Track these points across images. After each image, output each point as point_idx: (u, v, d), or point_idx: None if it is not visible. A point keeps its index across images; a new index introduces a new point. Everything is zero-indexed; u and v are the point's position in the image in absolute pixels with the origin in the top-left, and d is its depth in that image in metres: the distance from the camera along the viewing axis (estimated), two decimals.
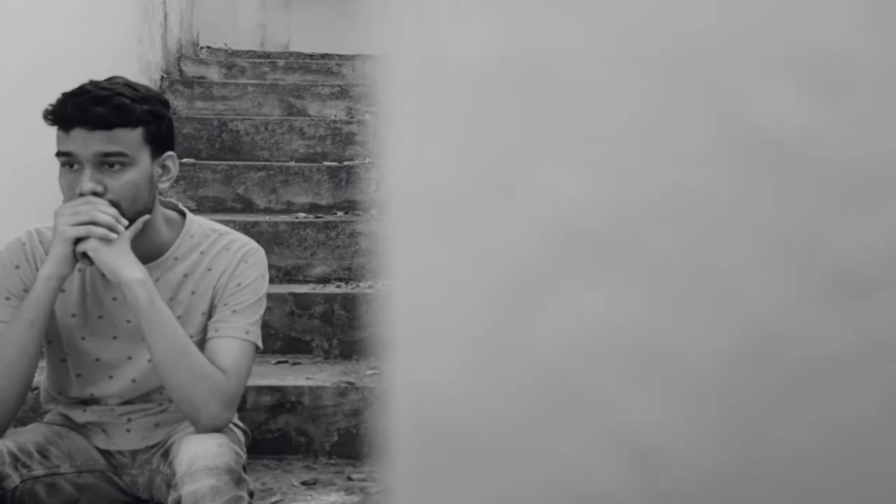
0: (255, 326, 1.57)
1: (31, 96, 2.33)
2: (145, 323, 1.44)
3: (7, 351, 1.42)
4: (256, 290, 1.59)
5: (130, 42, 3.20)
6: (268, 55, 4.39)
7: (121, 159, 1.44)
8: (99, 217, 1.41)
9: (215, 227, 1.65)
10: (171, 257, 1.58)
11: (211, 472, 1.34)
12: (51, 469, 1.48)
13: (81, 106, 1.42)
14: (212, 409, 1.45)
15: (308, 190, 2.97)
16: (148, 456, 1.60)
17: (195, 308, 1.57)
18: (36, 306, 1.42)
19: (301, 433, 2.04)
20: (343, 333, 2.37)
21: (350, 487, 1.86)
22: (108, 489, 1.59)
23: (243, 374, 1.53)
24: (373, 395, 2.06)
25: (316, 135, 3.29)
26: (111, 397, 1.59)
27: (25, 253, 1.54)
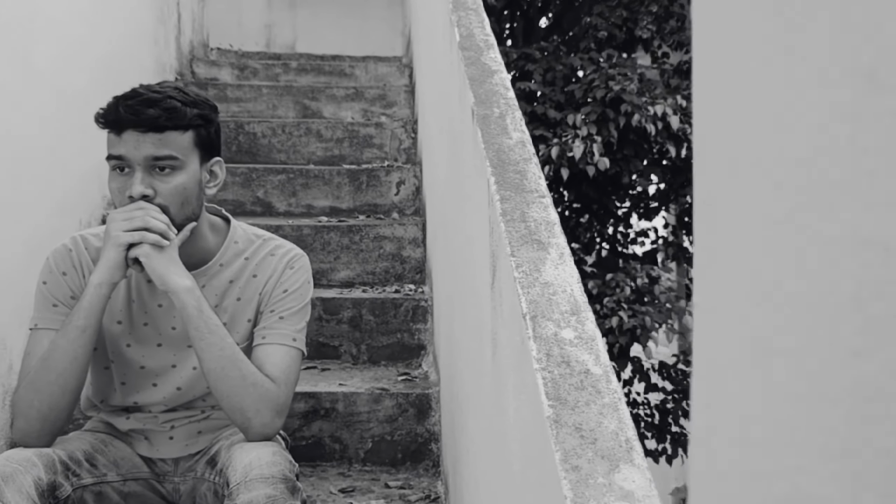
0: (301, 333, 1.56)
1: (57, 95, 2.31)
2: (194, 331, 1.42)
3: (59, 359, 1.39)
4: (302, 295, 1.58)
5: (147, 43, 3.18)
6: (278, 56, 4.37)
7: (171, 163, 1.43)
8: (152, 223, 1.39)
9: (259, 232, 1.64)
10: (216, 264, 1.56)
11: (267, 480, 1.32)
12: (98, 477, 1.46)
13: (134, 108, 1.40)
14: (263, 417, 1.44)
15: (328, 193, 2.95)
16: (191, 463, 1.59)
17: (241, 315, 1.55)
18: (87, 313, 1.40)
19: (335, 440, 2.02)
20: (371, 339, 2.35)
21: (389, 495, 1.84)
22: (151, 497, 1.58)
23: (292, 382, 1.51)
24: (407, 401, 2.04)
25: (333, 137, 3.27)
26: (155, 405, 1.57)
27: (72, 259, 1.52)
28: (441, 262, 2.06)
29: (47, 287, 1.50)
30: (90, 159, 2.55)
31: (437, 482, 1.94)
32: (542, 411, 0.67)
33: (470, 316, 1.27)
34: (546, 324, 0.77)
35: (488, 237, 1.03)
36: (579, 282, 0.84)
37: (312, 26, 5.76)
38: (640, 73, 4.22)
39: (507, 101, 1.25)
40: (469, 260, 1.29)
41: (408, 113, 3.62)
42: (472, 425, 1.23)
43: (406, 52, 4.63)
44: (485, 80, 1.32)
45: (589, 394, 0.69)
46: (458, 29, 1.55)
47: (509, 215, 0.95)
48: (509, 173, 1.04)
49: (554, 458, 0.62)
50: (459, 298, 1.49)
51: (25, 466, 1.31)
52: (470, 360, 1.28)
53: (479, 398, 1.14)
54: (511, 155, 1.09)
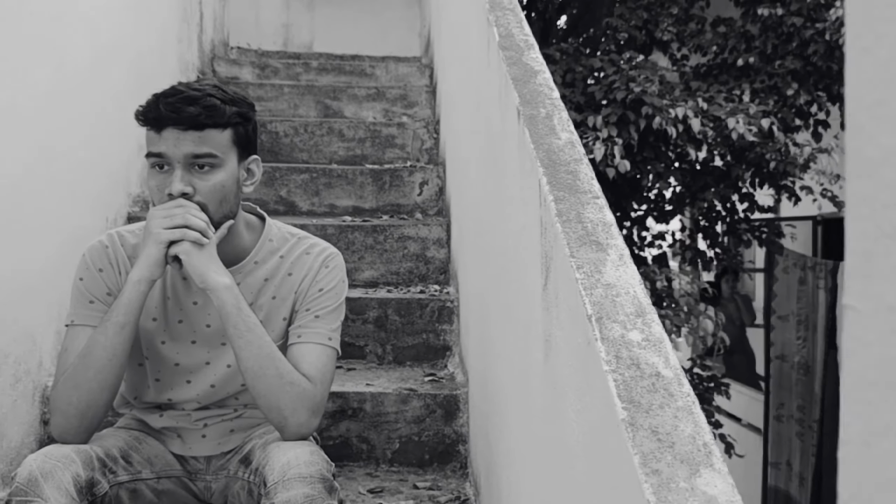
0: (336, 332, 1.55)
1: (89, 94, 2.31)
2: (232, 329, 1.42)
3: (98, 355, 1.39)
4: (338, 294, 1.58)
5: (171, 42, 3.19)
6: (298, 56, 4.37)
7: (210, 161, 1.43)
8: (192, 221, 1.39)
9: (293, 231, 1.64)
10: (251, 261, 1.56)
11: (305, 480, 1.32)
12: (134, 475, 1.46)
13: (174, 105, 1.40)
14: (300, 416, 1.43)
15: (351, 193, 2.95)
16: (223, 462, 1.58)
17: (276, 313, 1.55)
18: (127, 309, 1.40)
19: (363, 440, 2.02)
20: (396, 339, 2.35)
21: (418, 496, 1.84)
22: (184, 495, 1.57)
23: (328, 381, 1.51)
24: (434, 402, 2.04)
25: (355, 137, 3.27)
26: (188, 402, 1.57)
27: (108, 256, 1.52)
28: (471, 264, 2.05)
29: (84, 284, 1.50)
30: (118, 158, 2.55)
31: (466, 484, 1.94)
32: (615, 414, 0.67)
33: (513, 318, 1.26)
34: (612, 326, 0.76)
35: (539, 238, 1.02)
36: (641, 284, 0.83)
37: (330, 26, 5.76)
38: (661, 74, 4.20)
39: (553, 102, 1.24)
40: (512, 261, 1.29)
41: (429, 113, 3.61)
42: (516, 427, 1.22)
43: (425, 52, 4.63)
44: (528, 80, 1.31)
45: (662, 396, 0.68)
46: (496, 29, 1.54)
47: (565, 216, 0.94)
48: (561, 174, 1.03)
49: (632, 462, 0.61)
50: (497, 300, 1.48)
51: (64, 463, 1.31)
52: (512, 361, 1.27)
53: (525, 400, 1.14)
54: (561, 155, 1.08)
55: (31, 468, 1.29)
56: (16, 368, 1.83)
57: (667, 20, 4.57)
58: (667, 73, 4.54)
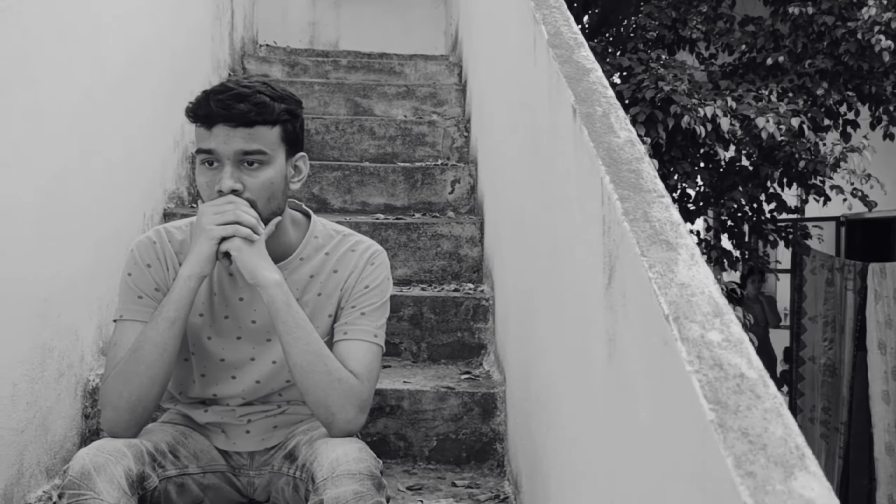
0: (382, 329, 1.55)
1: (128, 92, 2.33)
2: (282, 325, 1.42)
3: (148, 350, 1.40)
4: (383, 292, 1.58)
5: (205, 40, 3.20)
6: (326, 54, 4.38)
7: (260, 157, 1.43)
8: (243, 217, 1.39)
9: (338, 228, 1.64)
10: (297, 258, 1.56)
11: (354, 476, 1.32)
12: (181, 469, 1.47)
13: (225, 102, 1.40)
14: (347, 413, 1.44)
15: (383, 191, 2.95)
16: (266, 457, 1.59)
17: (321, 310, 1.55)
18: (177, 305, 1.41)
19: (400, 437, 2.02)
20: (431, 337, 2.35)
21: (457, 494, 1.84)
22: (228, 490, 1.58)
23: (374, 378, 1.51)
24: (472, 400, 2.04)
25: (386, 135, 3.27)
26: (233, 398, 1.58)
27: (156, 252, 1.53)
28: (510, 262, 2.05)
29: (132, 279, 1.51)
30: (154, 155, 2.57)
31: (504, 482, 1.93)
32: (702, 415, 0.66)
33: (566, 317, 1.26)
34: (690, 325, 0.76)
35: (601, 237, 1.01)
36: (716, 283, 0.83)
37: (356, 24, 5.78)
38: (690, 74, 4.18)
39: (608, 100, 1.24)
40: (564, 260, 1.28)
41: (458, 111, 3.61)
42: (570, 427, 1.21)
43: (452, 50, 4.63)
44: (581, 78, 1.31)
45: (749, 398, 0.67)
46: (544, 27, 1.53)
47: (631, 215, 0.93)
48: (623, 172, 1.03)
49: (725, 464, 0.61)
50: (547, 299, 1.47)
51: (116, 457, 1.32)
52: (565, 361, 1.27)
53: (581, 400, 1.13)
54: (622, 154, 1.07)
55: (83, 462, 1.30)
56: (59, 363, 1.84)
57: (696, 18, 4.53)
58: (695, 73, 4.52)
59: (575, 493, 1.17)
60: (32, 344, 1.73)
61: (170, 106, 2.72)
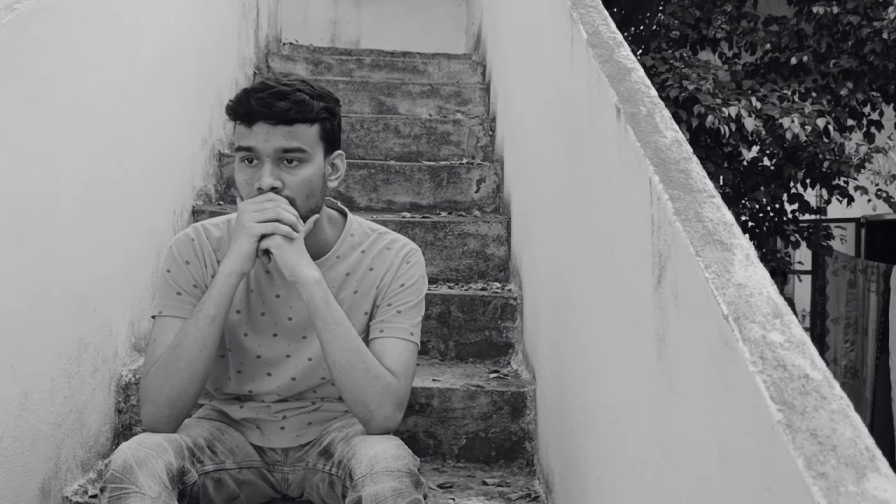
0: (417, 328, 1.56)
1: (160, 88, 2.35)
2: (321, 323, 1.43)
3: (189, 346, 1.41)
4: (419, 290, 1.58)
5: (232, 38, 3.22)
6: (349, 52, 4.39)
7: (299, 155, 1.44)
8: (283, 215, 1.40)
9: (373, 226, 1.65)
10: (333, 256, 1.57)
11: (392, 473, 1.32)
12: (218, 465, 1.48)
13: (265, 100, 1.41)
14: (385, 410, 1.44)
15: (409, 189, 2.96)
16: (301, 454, 1.60)
17: (357, 307, 1.56)
18: (217, 302, 1.42)
19: (430, 435, 2.03)
20: (459, 335, 2.35)
21: (488, 492, 1.84)
22: (262, 486, 1.59)
23: (410, 376, 1.52)
24: (502, 399, 2.04)
25: (411, 134, 3.28)
26: (268, 394, 1.59)
27: (194, 249, 1.54)
28: (542, 262, 2.05)
29: (171, 275, 1.52)
30: (183, 152, 2.59)
31: (534, 481, 1.94)
32: (768, 416, 0.66)
33: (608, 317, 1.26)
34: (751, 326, 0.76)
35: (650, 237, 1.01)
36: (773, 284, 0.82)
37: (376, 23, 5.79)
38: (714, 73, 4.16)
39: (652, 100, 1.23)
40: (606, 260, 1.28)
41: (482, 110, 3.61)
42: (612, 426, 1.21)
43: (475, 49, 4.63)
44: (623, 77, 1.31)
45: (815, 399, 0.67)
46: (582, 26, 1.53)
47: (683, 215, 0.93)
48: (672, 172, 1.03)
49: (796, 465, 0.61)
50: (584, 300, 1.47)
51: (157, 451, 1.33)
52: (606, 361, 1.27)
53: (626, 399, 1.13)
54: (669, 154, 1.07)
55: (125, 456, 1.31)
56: (95, 358, 1.86)
57: (720, 17, 4.51)
58: (718, 72, 4.49)
59: (618, 494, 1.17)
60: (70, 339, 1.75)
61: (199, 104, 2.74)
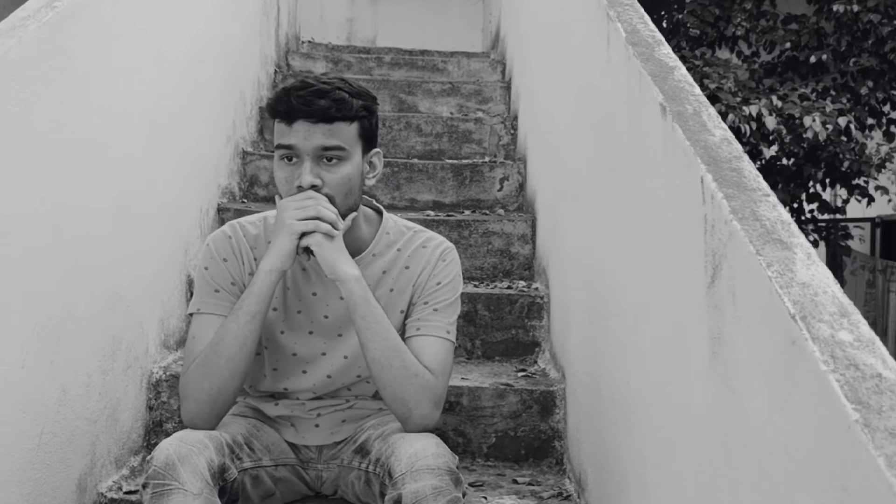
0: (454, 326, 1.56)
1: (188, 86, 2.35)
2: (360, 320, 1.43)
3: (229, 343, 1.42)
4: (454, 288, 1.58)
5: (254, 36, 3.23)
6: (368, 50, 4.39)
7: (338, 153, 1.44)
8: (324, 213, 1.41)
9: (409, 224, 1.65)
10: (369, 254, 1.57)
11: (433, 471, 1.33)
12: (256, 462, 1.49)
13: (306, 98, 1.41)
14: (423, 408, 1.45)
15: (431, 187, 2.96)
16: (335, 451, 1.60)
17: (393, 305, 1.56)
18: (258, 299, 1.43)
19: (459, 433, 2.03)
20: (486, 334, 2.35)
21: (519, 491, 1.84)
22: (297, 483, 1.60)
23: (447, 374, 1.52)
24: (531, 397, 2.04)
25: (433, 132, 3.28)
26: (304, 392, 1.59)
27: (232, 246, 1.54)
28: (573, 261, 2.04)
29: (209, 273, 1.53)
30: (209, 150, 2.60)
31: (564, 480, 1.93)
32: (844, 415, 0.66)
33: (652, 316, 1.26)
34: (819, 325, 0.75)
35: (702, 236, 1.01)
36: (837, 283, 0.82)
37: (393, 21, 5.79)
38: (734, 71, 4.14)
39: (697, 98, 1.23)
40: (650, 260, 1.28)
41: (503, 109, 3.61)
42: (656, 427, 1.21)
43: (493, 48, 4.62)
44: (666, 76, 1.30)
45: (890, 398, 0.67)
46: (620, 24, 1.53)
47: (740, 213, 0.93)
48: (724, 171, 1.02)
49: (877, 464, 0.61)
50: (623, 300, 1.47)
51: (198, 448, 1.33)
52: (651, 360, 1.26)
53: (673, 398, 1.13)
54: (720, 152, 1.07)
55: (167, 452, 1.31)
56: (127, 354, 1.87)
57: (740, 15, 4.50)
58: (738, 71, 4.48)
59: (665, 493, 1.16)
60: (104, 336, 1.76)
61: (223, 102, 2.75)
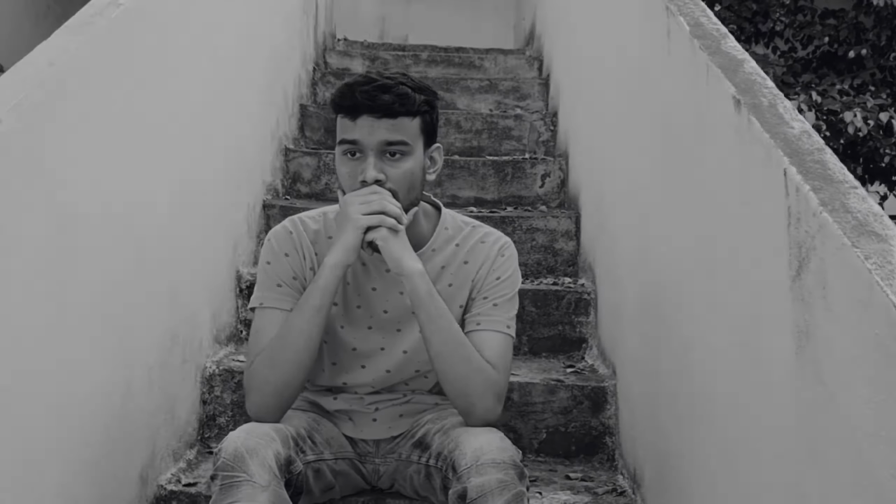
0: (513, 321, 1.56)
1: (237, 84, 2.37)
2: (424, 315, 1.44)
3: (295, 337, 1.43)
4: (513, 283, 1.58)
5: (295, 34, 3.24)
6: (404, 48, 4.40)
7: (401, 148, 1.45)
8: (389, 207, 1.41)
9: (466, 219, 1.65)
10: (429, 249, 1.57)
11: (498, 466, 1.33)
12: (318, 455, 1.50)
13: (370, 93, 1.42)
14: (487, 402, 1.45)
15: (473, 184, 2.96)
16: (392, 446, 1.61)
17: (452, 300, 1.56)
18: (323, 293, 1.43)
19: (510, 429, 2.02)
20: (532, 330, 2.35)
21: (573, 487, 1.84)
22: (355, 477, 1.60)
23: (508, 369, 1.52)
24: (582, 393, 2.03)
25: (472, 129, 3.28)
26: (362, 386, 1.60)
27: (293, 241, 1.55)
28: (626, 257, 2.03)
29: (271, 267, 1.54)
30: (255, 147, 2.62)
31: (617, 476, 1.93)
32: None
33: (725, 311, 1.25)
34: None
35: (785, 229, 1.00)
36: None
37: (424, 19, 5.80)
38: (773, 67, 4.10)
39: (770, 90, 1.22)
40: (722, 253, 1.27)
41: (541, 105, 3.60)
42: (733, 420, 1.20)
43: (527, 45, 4.61)
44: (736, 69, 1.29)
45: None
46: (682, 18, 1.52)
47: (829, 206, 0.92)
48: (808, 163, 1.01)
49: None
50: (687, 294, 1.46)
51: (266, 441, 1.34)
52: (723, 355, 1.26)
53: (753, 393, 1.12)
54: (801, 145, 1.06)
55: (236, 445, 1.33)
56: (183, 349, 1.89)
57: (778, 11, 4.45)
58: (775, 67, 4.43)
59: (740, 487, 1.16)
60: (163, 331, 1.78)
61: (268, 99, 2.77)
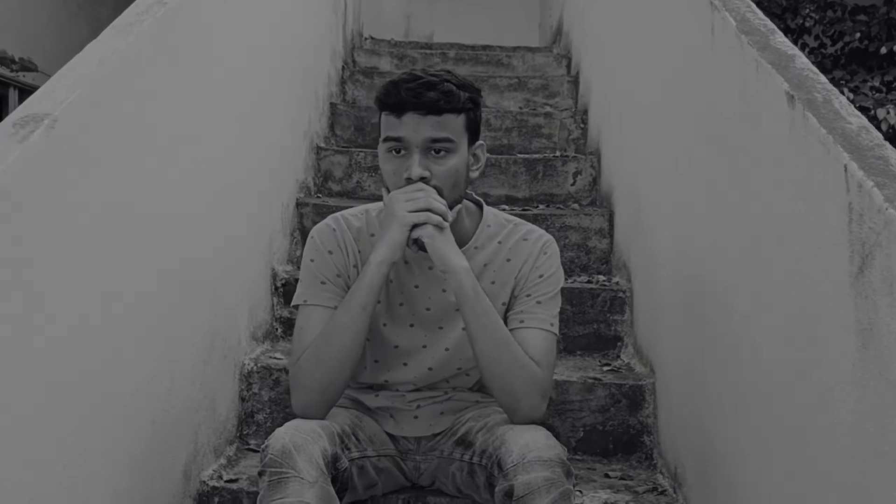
0: (556, 318, 1.55)
1: (272, 82, 2.38)
2: (469, 312, 1.44)
3: (340, 334, 1.43)
4: (556, 281, 1.58)
5: (325, 32, 3.25)
6: (431, 46, 4.40)
7: (446, 145, 1.45)
8: (434, 205, 1.41)
9: (508, 217, 1.64)
10: (472, 247, 1.57)
11: (545, 463, 1.33)
12: (361, 452, 1.50)
13: (415, 91, 1.42)
14: (532, 400, 1.45)
15: (504, 182, 2.95)
16: (433, 443, 1.61)
17: (495, 298, 1.56)
18: (368, 290, 1.44)
19: (547, 427, 2.00)
20: (567, 328, 2.34)
21: (612, 485, 1.83)
22: (397, 475, 1.60)
23: (552, 366, 1.51)
24: (620, 392, 2.02)
25: (502, 126, 3.27)
26: (404, 384, 1.60)
27: (337, 239, 1.56)
28: (665, 255, 2.02)
29: (315, 265, 1.54)
30: (289, 145, 2.63)
31: (656, 475, 1.92)
32: None
33: (778, 309, 1.24)
34: None
35: (846, 225, 0.99)
36: None
37: (449, 18, 5.80)
38: None
39: (824, 86, 1.21)
40: (768, 251, 1.26)
41: (570, 103, 3.59)
42: (788, 418, 1.19)
43: (554, 42, 4.60)
44: (787, 64, 1.28)
45: None
46: (728, 13, 1.51)
47: (895, 202, 0.91)
48: (869, 159, 1.00)
49: None
50: (737, 292, 1.45)
51: (313, 437, 1.35)
52: (775, 353, 1.24)
53: (810, 391, 1.11)
54: (860, 140, 1.05)
55: (283, 441, 1.33)
56: (223, 346, 1.90)
57: (808, 7, 4.41)
58: None
59: (796, 486, 1.15)
60: (204, 328, 1.79)
61: (300, 98, 2.77)
